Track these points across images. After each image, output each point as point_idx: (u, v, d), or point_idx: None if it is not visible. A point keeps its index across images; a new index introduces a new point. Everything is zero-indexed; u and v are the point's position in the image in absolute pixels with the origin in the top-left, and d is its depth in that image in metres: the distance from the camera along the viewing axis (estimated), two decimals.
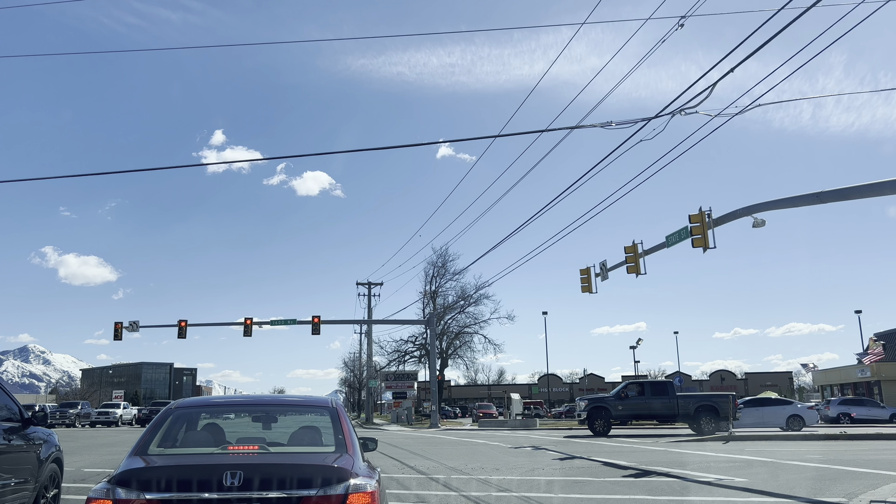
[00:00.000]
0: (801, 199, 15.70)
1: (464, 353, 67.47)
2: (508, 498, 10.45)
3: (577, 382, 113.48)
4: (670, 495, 10.60)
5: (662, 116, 14.53)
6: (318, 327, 42.73)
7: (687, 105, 14.07)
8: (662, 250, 20.94)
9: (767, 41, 11.21)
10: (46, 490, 8.67)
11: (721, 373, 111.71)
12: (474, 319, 65.51)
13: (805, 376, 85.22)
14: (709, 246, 18.19)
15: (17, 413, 8.41)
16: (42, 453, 8.58)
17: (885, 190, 13.62)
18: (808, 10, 10.51)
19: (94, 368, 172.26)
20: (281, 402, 6.14)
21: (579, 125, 15.55)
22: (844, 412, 41.25)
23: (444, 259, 63.51)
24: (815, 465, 14.46)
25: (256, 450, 4.88)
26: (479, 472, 14.18)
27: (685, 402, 28.75)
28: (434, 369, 49.91)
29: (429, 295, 63.41)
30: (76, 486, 11.65)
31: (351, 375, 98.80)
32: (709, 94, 13.34)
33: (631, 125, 14.91)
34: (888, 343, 53.63)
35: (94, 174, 17.89)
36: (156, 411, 45.88)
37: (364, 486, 4.21)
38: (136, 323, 41.89)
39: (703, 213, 18.22)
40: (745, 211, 17.44)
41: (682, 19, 13.36)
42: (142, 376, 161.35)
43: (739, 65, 11.88)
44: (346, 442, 4.89)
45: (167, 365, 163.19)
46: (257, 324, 42.56)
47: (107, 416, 48.36)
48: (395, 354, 67.85)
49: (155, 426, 5.14)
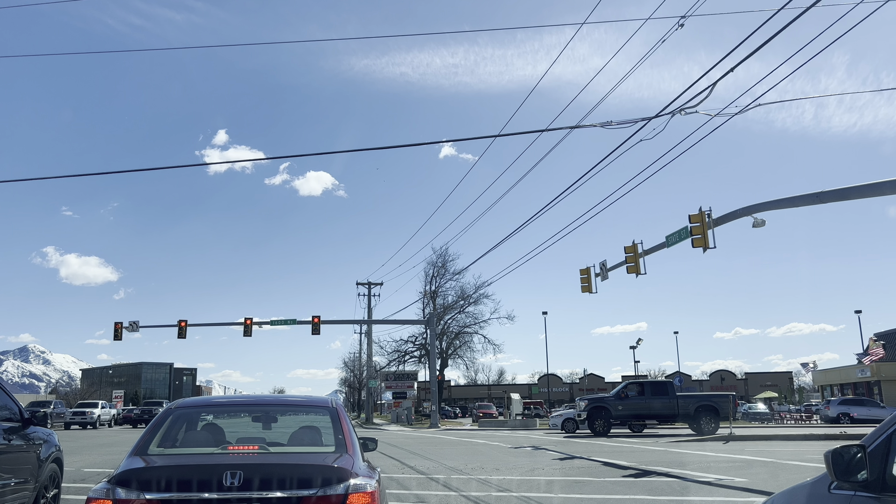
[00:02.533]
0: (802, 199, 15.70)
1: (464, 353, 67.56)
2: (508, 498, 10.45)
3: (577, 382, 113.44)
4: (670, 495, 10.60)
5: (662, 116, 14.54)
6: (318, 327, 42.72)
7: (687, 105, 14.07)
8: (662, 250, 20.93)
9: (768, 40, 11.22)
10: (46, 490, 8.66)
11: (721, 373, 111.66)
12: (474, 319, 65.59)
13: (805, 376, 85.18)
14: (709, 246, 18.19)
15: (17, 413, 8.41)
16: (42, 453, 8.57)
17: (885, 190, 13.63)
18: (808, 9, 10.51)
19: (94, 368, 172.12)
20: (281, 402, 6.13)
21: (579, 125, 15.55)
22: (844, 412, 41.23)
23: (444, 259, 63.59)
24: (815, 465, 14.46)
25: (256, 450, 4.88)
26: (479, 472, 14.18)
27: (685, 402, 28.75)
28: (434, 369, 49.90)
29: (429, 295, 63.43)
30: (76, 486, 11.65)
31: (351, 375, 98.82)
32: (709, 93, 13.34)
33: (631, 125, 14.92)
34: (888, 343, 53.60)
35: (96, 174, 17.92)
36: (149, 411, 44.85)
37: (364, 486, 4.21)
38: (136, 323, 41.88)
39: (703, 213, 18.22)
40: (745, 211, 17.45)
41: (681, 19, 13.37)
42: (142, 376, 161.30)
43: (739, 64, 11.89)
44: (346, 442, 4.89)
45: (167, 365, 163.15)
46: (257, 324, 42.57)
47: (83, 417, 41.89)
48: (395, 354, 67.93)
49: (155, 426, 5.13)
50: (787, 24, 10.62)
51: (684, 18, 13.35)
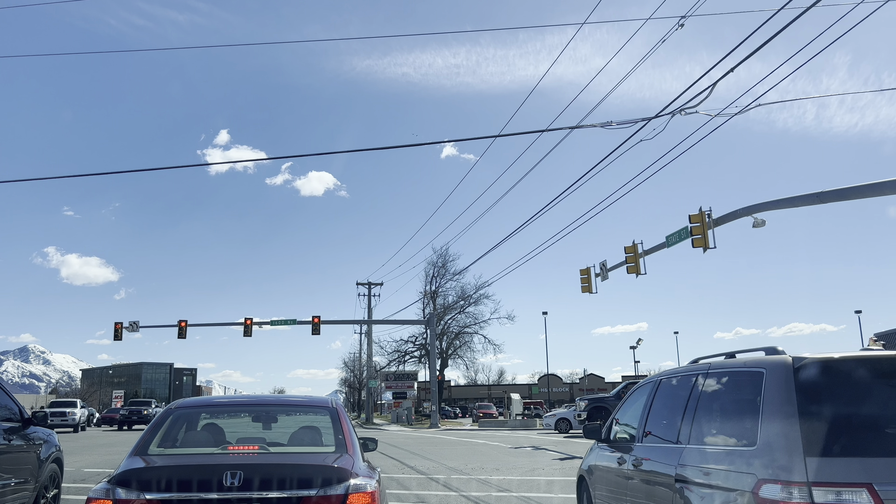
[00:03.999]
0: (801, 200, 15.71)
1: (464, 353, 67.54)
2: (508, 498, 10.45)
3: (577, 382, 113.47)
4: None
5: (662, 116, 14.53)
6: (318, 327, 42.72)
7: (688, 105, 14.06)
8: (663, 250, 20.95)
9: (768, 40, 11.21)
10: (46, 490, 8.66)
11: None
12: (474, 319, 65.57)
13: None
14: (709, 246, 18.19)
15: (17, 413, 8.41)
16: (42, 453, 8.57)
17: (885, 190, 13.63)
18: (808, 9, 10.51)
19: (94, 368, 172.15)
20: (281, 402, 6.13)
21: (579, 125, 15.54)
22: None
23: (444, 259, 63.55)
24: None
25: (256, 450, 4.88)
26: (479, 472, 14.18)
27: None
28: (434, 369, 49.89)
29: (429, 295, 63.44)
30: (76, 486, 11.65)
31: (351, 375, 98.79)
32: (709, 93, 13.33)
33: (631, 125, 14.91)
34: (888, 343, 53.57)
35: (97, 174, 17.92)
36: (136, 412, 41.68)
37: (364, 486, 4.21)
38: (136, 323, 41.89)
39: (703, 213, 18.23)
40: (745, 211, 17.45)
41: (682, 19, 13.37)
42: (142, 376, 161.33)
43: (740, 64, 11.87)
44: (346, 442, 4.89)
45: (167, 365, 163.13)
46: (257, 324, 42.57)
47: (63, 419, 35.54)
48: (395, 354, 67.90)
49: (155, 426, 5.13)
50: (787, 24, 10.61)
51: (684, 18, 13.35)
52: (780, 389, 3.95)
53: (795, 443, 3.66)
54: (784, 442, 3.72)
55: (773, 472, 3.68)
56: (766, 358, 4.33)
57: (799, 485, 3.53)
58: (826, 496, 3.47)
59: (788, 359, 4.09)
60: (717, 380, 4.81)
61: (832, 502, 3.47)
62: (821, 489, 3.48)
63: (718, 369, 4.87)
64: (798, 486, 3.53)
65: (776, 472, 3.67)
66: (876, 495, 3.42)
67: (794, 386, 3.91)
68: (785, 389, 3.92)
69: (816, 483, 3.50)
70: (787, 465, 3.63)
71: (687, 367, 5.52)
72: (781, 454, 3.70)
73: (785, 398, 3.89)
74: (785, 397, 3.89)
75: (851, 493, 3.46)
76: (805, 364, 3.99)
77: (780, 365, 4.09)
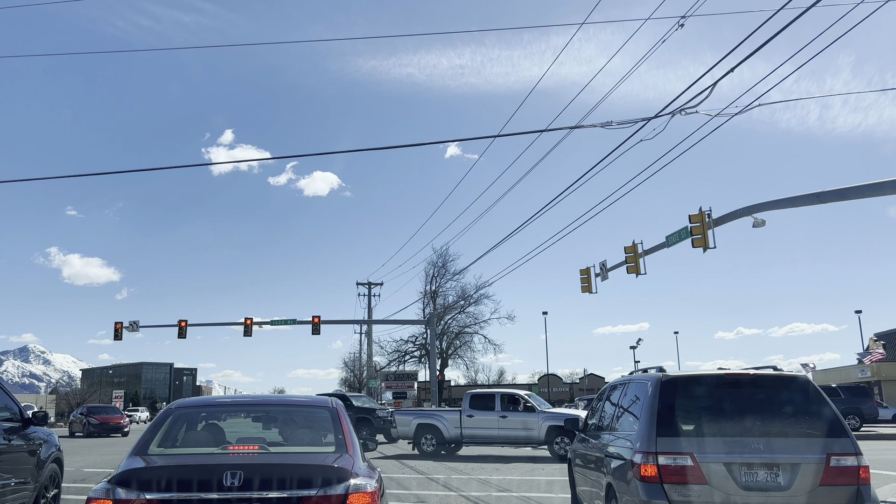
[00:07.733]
0: (802, 199, 15.68)
1: (464, 353, 67.40)
2: (508, 498, 10.45)
3: (577, 382, 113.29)
4: None
5: (662, 116, 14.50)
6: (318, 327, 42.69)
7: (688, 104, 14.03)
8: (663, 250, 20.90)
9: (769, 40, 11.18)
10: (46, 490, 8.66)
11: None
12: (474, 319, 65.43)
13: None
14: (709, 246, 18.17)
15: (17, 413, 8.41)
16: (42, 453, 8.57)
17: (885, 190, 13.61)
18: (809, 9, 10.50)
19: (94, 368, 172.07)
20: (281, 402, 6.14)
21: (579, 125, 15.53)
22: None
23: (444, 259, 63.41)
24: None
25: (256, 450, 4.88)
26: (479, 472, 14.18)
27: None
28: (434, 369, 49.86)
29: (429, 295, 63.39)
30: (76, 486, 11.65)
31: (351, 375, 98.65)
32: (709, 93, 13.30)
33: (631, 125, 14.88)
34: (888, 343, 53.60)
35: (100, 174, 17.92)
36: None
37: (364, 486, 4.21)
38: (137, 323, 41.84)
39: (703, 213, 18.20)
40: (745, 211, 17.43)
41: (681, 19, 13.35)
42: (142, 376, 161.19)
43: (740, 64, 11.83)
44: (346, 442, 4.89)
45: (167, 365, 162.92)
46: (258, 324, 42.52)
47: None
48: (395, 354, 67.80)
49: (155, 426, 5.13)
50: (787, 23, 10.60)
51: (684, 18, 13.33)
52: (651, 395, 6.24)
53: (652, 429, 5.98)
54: (647, 429, 6.02)
55: (641, 445, 5.97)
56: (651, 374, 6.70)
57: (652, 454, 5.83)
58: (667, 461, 5.79)
59: (660, 375, 6.43)
60: (632, 388, 6.99)
61: (670, 464, 5.78)
62: (663, 456, 5.81)
63: (634, 381, 7.05)
64: (651, 454, 5.83)
65: (642, 445, 5.95)
66: (695, 460, 5.75)
67: (658, 393, 6.19)
68: (653, 395, 6.22)
69: (661, 452, 5.82)
70: (646, 441, 5.93)
71: (625, 377, 7.73)
72: (645, 435, 5.99)
73: (651, 401, 6.19)
74: (651, 401, 6.19)
75: (682, 459, 5.77)
76: (668, 379, 6.31)
77: (654, 379, 6.43)
